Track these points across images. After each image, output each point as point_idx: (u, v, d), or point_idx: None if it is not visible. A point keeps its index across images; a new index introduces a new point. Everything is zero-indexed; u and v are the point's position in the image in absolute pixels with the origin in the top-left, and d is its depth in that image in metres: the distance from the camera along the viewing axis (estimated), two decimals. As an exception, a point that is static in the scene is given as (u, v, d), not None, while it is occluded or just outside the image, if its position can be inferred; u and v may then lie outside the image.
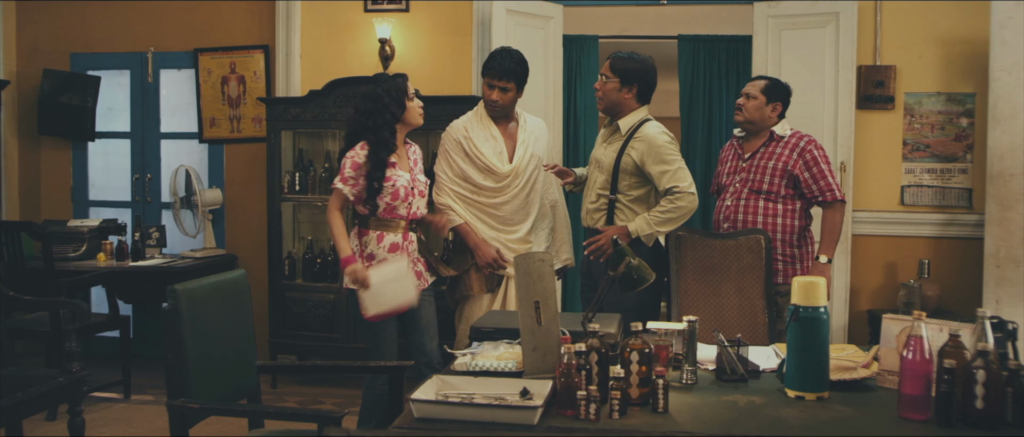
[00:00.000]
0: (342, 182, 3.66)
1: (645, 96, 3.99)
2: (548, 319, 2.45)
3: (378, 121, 3.67)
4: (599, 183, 3.97)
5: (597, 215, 3.99)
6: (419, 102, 3.78)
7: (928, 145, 5.16)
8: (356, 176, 3.66)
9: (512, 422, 2.15)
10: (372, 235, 3.73)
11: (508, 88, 4.00)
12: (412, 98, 3.74)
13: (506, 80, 3.98)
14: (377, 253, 3.72)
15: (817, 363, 2.42)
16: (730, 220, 3.97)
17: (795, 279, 2.47)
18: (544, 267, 2.47)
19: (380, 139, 3.67)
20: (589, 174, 4.13)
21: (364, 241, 3.74)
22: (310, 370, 3.62)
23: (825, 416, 2.27)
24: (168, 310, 2.62)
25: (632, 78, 3.92)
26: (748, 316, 3.74)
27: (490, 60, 4.02)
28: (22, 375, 3.85)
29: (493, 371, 2.52)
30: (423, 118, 3.81)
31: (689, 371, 2.57)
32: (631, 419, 2.23)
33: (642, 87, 3.95)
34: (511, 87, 4.00)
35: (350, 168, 3.66)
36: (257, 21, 5.78)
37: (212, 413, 2.64)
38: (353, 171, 3.66)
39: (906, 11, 5.15)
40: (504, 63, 3.97)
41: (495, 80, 3.98)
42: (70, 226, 5.64)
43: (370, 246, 3.73)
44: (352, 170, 3.66)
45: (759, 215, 3.92)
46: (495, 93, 4.00)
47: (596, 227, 3.98)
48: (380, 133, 3.67)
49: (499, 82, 3.98)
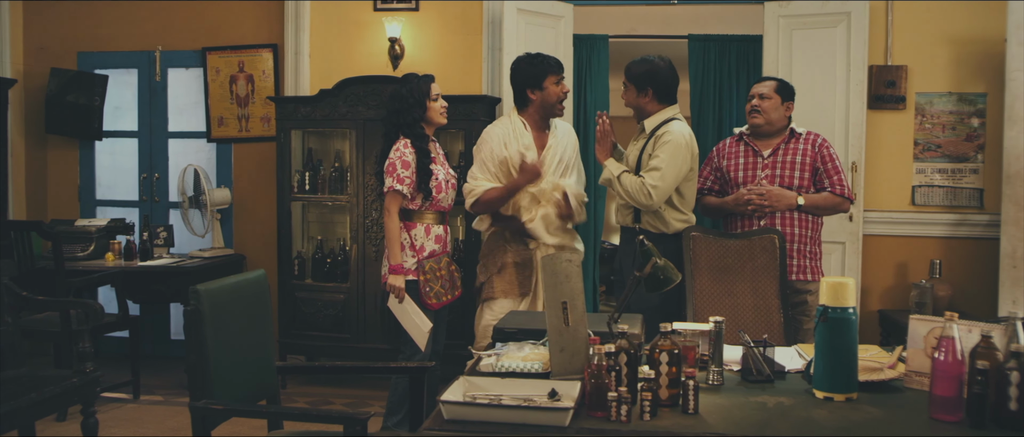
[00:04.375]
0: (399, 183, 3.85)
1: (665, 96, 4.04)
2: (576, 320, 2.44)
3: (406, 119, 3.92)
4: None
5: (626, 212, 4.06)
6: (442, 103, 4.02)
7: (939, 145, 5.15)
8: (409, 173, 3.87)
9: (543, 424, 2.13)
10: (420, 228, 3.96)
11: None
12: (435, 99, 3.98)
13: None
14: (427, 245, 3.95)
15: (846, 364, 2.41)
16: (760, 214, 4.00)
17: (823, 279, 2.46)
18: (572, 267, 2.46)
19: (416, 134, 3.92)
20: None
21: (413, 235, 3.95)
22: (331, 371, 3.63)
23: (856, 417, 2.25)
24: (191, 311, 2.60)
25: (645, 82, 4.02)
26: (763, 316, 3.72)
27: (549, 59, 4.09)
28: (35, 376, 3.83)
29: (519, 372, 2.50)
30: (445, 118, 4.04)
31: (716, 372, 2.56)
32: (662, 420, 2.22)
33: (657, 88, 4.01)
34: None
35: (401, 167, 3.86)
36: (266, 20, 5.76)
37: (235, 415, 2.63)
38: (405, 169, 3.86)
39: (917, 11, 5.14)
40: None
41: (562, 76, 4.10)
42: (78, 226, 5.62)
43: (419, 239, 3.95)
44: (404, 168, 3.86)
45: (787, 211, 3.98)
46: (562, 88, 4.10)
47: (627, 225, 4.09)
48: (414, 129, 3.93)
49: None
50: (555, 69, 4.02)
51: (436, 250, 3.98)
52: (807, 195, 3.99)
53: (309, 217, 5.59)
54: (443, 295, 3.99)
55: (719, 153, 4.23)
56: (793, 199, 3.97)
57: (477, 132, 4.96)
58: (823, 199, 4.01)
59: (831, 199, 4.02)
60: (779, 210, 3.97)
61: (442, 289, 3.98)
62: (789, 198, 3.97)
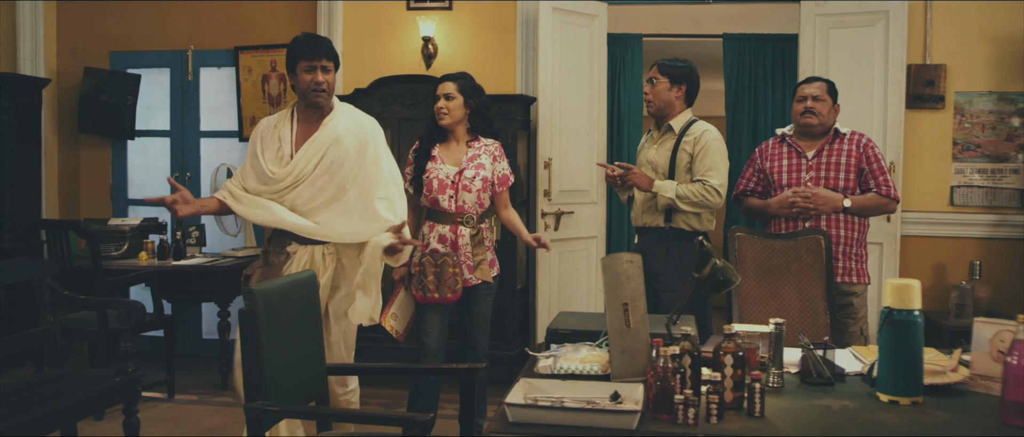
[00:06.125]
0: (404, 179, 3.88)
1: (691, 97, 4.17)
2: (637, 322, 2.42)
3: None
4: None
5: (655, 213, 4.04)
6: (440, 103, 3.93)
7: (978, 145, 5.10)
8: (409, 170, 4.00)
9: (611, 427, 2.11)
10: (427, 225, 3.96)
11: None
12: (437, 99, 3.96)
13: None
14: (431, 242, 3.90)
15: (911, 367, 2.37)
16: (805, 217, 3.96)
17: (888, 281, 2.42)
18: (633, 268, 2.43)
19: (427, 132, 4.01)
20: None
21: (423, 231, 3.97)
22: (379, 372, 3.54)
23: (925, 421, 2.22)
24: (246, 312, 2.59)
25: (681, 79, 4.12)
26: (810, 317, 3.69)
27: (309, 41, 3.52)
28: (77, 375, 3.83)
29: (579, 374, 2.48)
30: (442, 117, 3.91)
31: (776, 374, 2.53)
32: (729, 423, 2.19)
33: (690, 87, 4.14)
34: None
35: (406, 164, 3.99)
36: (298, 19, 5.75)
37: (289, 416, 2.61)
38: (408, 166, 4.00)
39: (957, 10, 5.09)
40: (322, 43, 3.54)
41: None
42: (111, 225, 5.63)
43: (427, 236, 3.93)
44: (408, 165, 4.01)
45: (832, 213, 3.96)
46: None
47: (652, 225, 4.09)
48: (428, 128, 4.02)
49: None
50: (307, 55, 3.45)
51: (438, 249, 3.86)
52: (853, 196, 3.95)
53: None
54: (431, 292, 3.84)
55: (762, 154, 4.19)
56: (839, 201, 3.93)
57: (513, 132, 4.97)
58: (869, 200, 3.97)
59: (877, 200, 3.98)
60: (824, 213, 3.93)
61: (432, 285, 3.84)
62: (835, 200, 3.93)
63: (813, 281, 3.74)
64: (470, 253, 3.91)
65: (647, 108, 4.20)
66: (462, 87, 3.95)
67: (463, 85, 3.96)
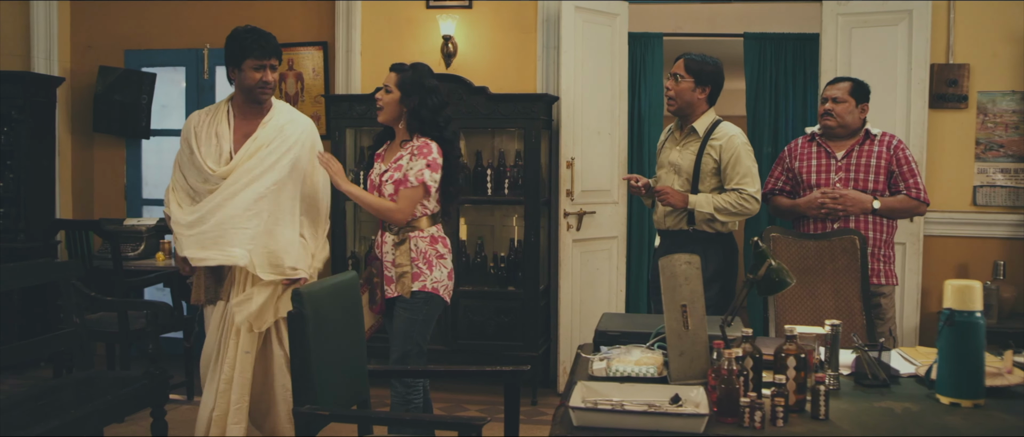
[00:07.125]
0: None
1: (714, 98, 4.07)
2: (695, 324, 2.39)
3: None
4: (677, 186, 4.02)
5: (679, 215, 3.98)
6: (379, 94, 3.59)
7: (1002, 145, 5.08)
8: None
9: (678, 431, 2.08)
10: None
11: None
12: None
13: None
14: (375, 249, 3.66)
15: (973, 369, 2.35)
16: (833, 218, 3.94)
17: (948, 282, 2.40)
18: (691, 269, 2.40)
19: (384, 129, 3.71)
20: (661, 179, 4.13)
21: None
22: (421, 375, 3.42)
23: (991, 424, 2.20)
24: (294, 314, 2.55)
25: (707, 79, 4.02)
26: (846, 318, 3.66)
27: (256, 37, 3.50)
28: (104, 377, 3.79)
29: (635, 377, 2.45)
30: (380, 116, 3.60)
31: (833, 376, 2.50)
32: (794, 426, 2.16)
33: (714, 88, 4.05)
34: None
35: None
36: (315, 17, 5.71)
37: (338, 420, 2.58)
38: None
39: (980, 9, 5.08)
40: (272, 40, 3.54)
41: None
42: (127, 225, 5.58)
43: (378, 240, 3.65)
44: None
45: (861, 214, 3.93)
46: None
47: (675, 228, 4.00)
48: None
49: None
50: (258, 54, 3.41)
51: (375, 255, 3.61)
52: (882, 198, 3.93)
53: (362, 216, 5.54)
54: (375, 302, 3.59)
55: (791, 153, 4.17)
56: (868, 203, 3.91)
57: (536, 131, 4.93)
58: (899, 202, 3.96)
59: (907, 202, 3.96)
60: (854, 214, 3.91)
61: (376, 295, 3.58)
62: (864, 202, 3.91)
63: (849, 282, 3.72)
64: (391, 262, 3.50)
65: (668, 106, 4.10)
66: (402, 81, 3.51)
67: (404, 79, 3.51)
